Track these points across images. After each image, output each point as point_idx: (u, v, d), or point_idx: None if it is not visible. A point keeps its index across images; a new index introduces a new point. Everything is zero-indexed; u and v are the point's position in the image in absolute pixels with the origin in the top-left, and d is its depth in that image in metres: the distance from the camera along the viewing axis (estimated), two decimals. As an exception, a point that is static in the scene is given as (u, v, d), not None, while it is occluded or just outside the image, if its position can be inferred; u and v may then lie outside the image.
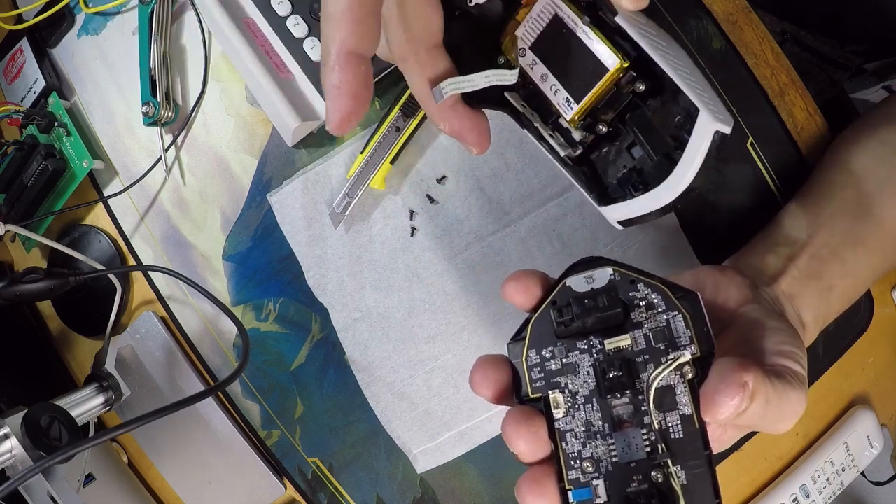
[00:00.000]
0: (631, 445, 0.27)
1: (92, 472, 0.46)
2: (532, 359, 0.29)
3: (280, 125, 0.43)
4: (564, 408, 0.28)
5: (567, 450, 0.28)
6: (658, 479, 0.26)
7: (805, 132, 0.45)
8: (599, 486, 0.27)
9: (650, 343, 0.28)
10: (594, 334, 0.28)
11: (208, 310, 0.47)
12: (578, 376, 0.28)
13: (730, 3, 0.44)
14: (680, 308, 0.28)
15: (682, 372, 0.27)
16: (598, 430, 0.28)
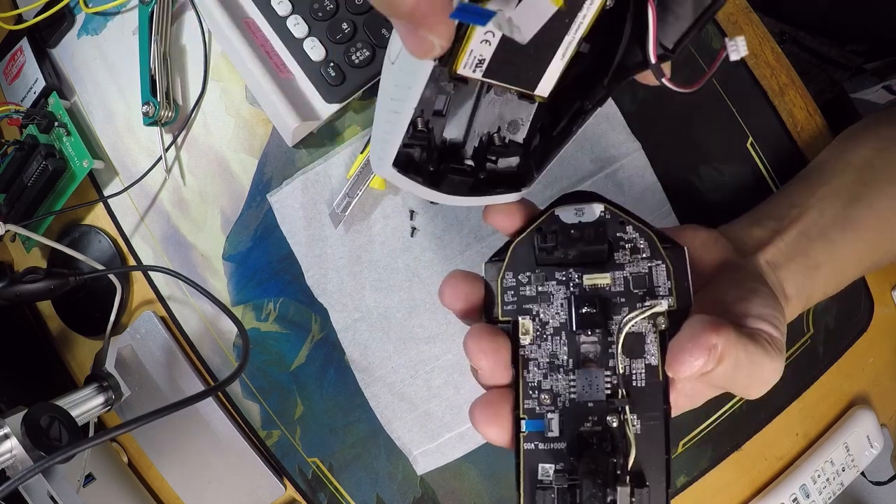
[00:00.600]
0: (592, 385, 0.27)
1: (92, 472, 0.46)
2: (508, 281, 0.28)
3: (280, 125, 0.43)
4: (532, 335, 0.27)
5: (528, 379, 0.27)
6: (613, 424, 0.26)
7: (805, 132, 0.45)
8: (553, 420, 0.27)
9: (629, 287, 0.27)
10: (574, 267, 0.28)
11: (208, 310, 0.47)
12: (551, 306, 0.28)
13: (730, 3, 0.44)
14: (665, 257, 0.27)
15: (655, 322, 0.27)
16: (562, 364, 0.27)
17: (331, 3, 0.42)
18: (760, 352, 0.27)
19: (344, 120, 0.45)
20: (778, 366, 0.28)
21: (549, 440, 0.27)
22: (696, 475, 0.45)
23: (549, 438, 0.27)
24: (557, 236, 0.27)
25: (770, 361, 0.28)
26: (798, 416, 0.46)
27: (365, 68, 0.42)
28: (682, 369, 0.25)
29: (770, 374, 0.28)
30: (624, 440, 0.26)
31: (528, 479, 0.26)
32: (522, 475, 0.26)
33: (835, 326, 0.45)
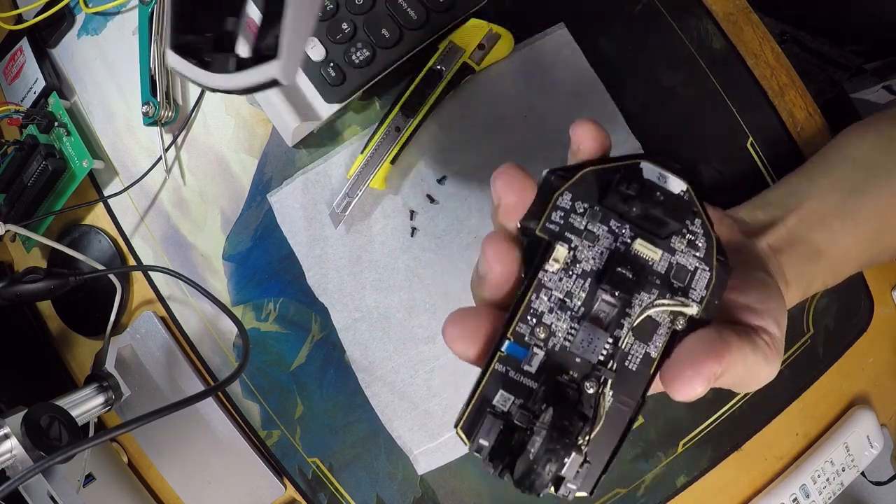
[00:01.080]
0: (590, 343, 0.26)
1: (92, 472, 0.46)
2: (563, 200, 0.26)
3: (280, 125, 0.43)
4: (560, 266, 0.26)
5: (533, 304, 0.26)
6: (589, 390, 0.25)
7: (805, 132, 0.45)
8: (537, 357, 0.25)
9: (669, 274, 0.26)
10: (631, 225, 0.26)
11: (208, 310, 0.47)
12: (591, 249, 0.26)
13: (730, 3, 0.44)
14: (714, 268, 0.27)
15: (675, 319, 0.26)
16: (572, 309, 0.26)
17: (331, 3, 0.42)
18: (759, 358, 0.27)
19: (344, 120, 0.45)
20: (773, 370, 0.28)
21: (523, 374, 0.25)
22: (696, 475, 0.45)
23: (524, 372, 0.25)
24: (642, 188, 0.25)
25: (767, 366, 0.28)
26: (798, 416, 0.46)
27: (365, 68, 0.42)
28: (680, 392, 0.25)
29: (766, 377, 0.28)
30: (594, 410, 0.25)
31: (481, 398, 0.25)
32: (478, 393, 0.25)
33: (835, 326, 0.45)
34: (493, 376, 0.25)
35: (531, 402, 0.25)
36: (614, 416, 0.26)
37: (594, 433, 0.25)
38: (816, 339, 0.45)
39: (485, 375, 0.25)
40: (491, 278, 0.26)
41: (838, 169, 0.39)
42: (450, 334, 0.26)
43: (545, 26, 0.44)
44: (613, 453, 0.26)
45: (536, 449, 0.23)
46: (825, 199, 0.37)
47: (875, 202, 0.37)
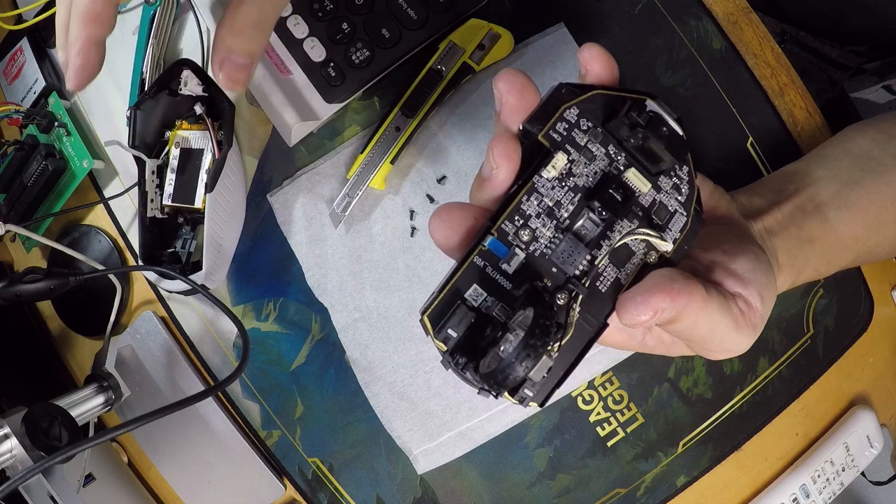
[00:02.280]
0: (570, 255, 0.26)
1: (92, 472, 0.46)
2: (570, 114, 0.27)
3: (280, 125, 0.43)
4: (556, 174, 0.26)
5: (523, 206, 0.26)
6: (559, 301, 0.25)
7: (805, 132, 0.45)
8: (517, 258, 0.26)
9: (651, 209, 0.27)
10: (627, 154, 0.27)
11: (208, 310, 0.47)
12: (587, 167, 0.27)
13: (730, 3, 0.44)
14: (689, 215, 0.28)
15: (648, 251, 0.27)
16: (558, 219, 0.26)
17: (331, 3, 0.42)
18: (727, 321, 0.27)
19: (344, 120, 0.45)
20: (744, 341, 0.29)
21: (500, 272, 0.25)
22: (697, 475, 0.45)
23: (501, 270, 0.25)
24: (651, 120, 0.26)
25: (736, 335, 0.28)
26: (798, 416, 0.46)
27: (365, 68, 0.42)
28: (624, 315, 0.26)
29: (733, 345, 0.29)
30: (563, 322, 0.25)
31: (454, 289, 0.25)
32: (451, 283, 0.25)
33: (835, 326, 0.46)
34: (470, 269, 0.25)
35: (510, 300, 0.24)
36: (577, 334, 0.26)
37: (563, 341, 0.25)
38: (816, 339, 0.45)
39: (461, 266, 0.25)
40: (495, 176, 0.26)
41: (836, 161, 0.39)
42: (434, 223, 0.27)
43: (545, 26, 0.44)
44: (569, 370, 0.26)
45: (515, 345, 0.23)
46: (822, 188, 0.37)
47: (871, 195, 0.38)
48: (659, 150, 0.26)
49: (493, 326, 0.24)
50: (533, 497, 0.45)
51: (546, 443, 0.45)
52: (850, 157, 0.39)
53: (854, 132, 0.41)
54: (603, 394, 0.44)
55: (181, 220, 0.45)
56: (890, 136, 0.40)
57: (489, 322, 0.24)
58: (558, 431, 0.44)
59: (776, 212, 0.36)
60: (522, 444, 0.45)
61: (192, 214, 0.45)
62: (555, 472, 0.45)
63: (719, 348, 0.29)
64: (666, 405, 0.44)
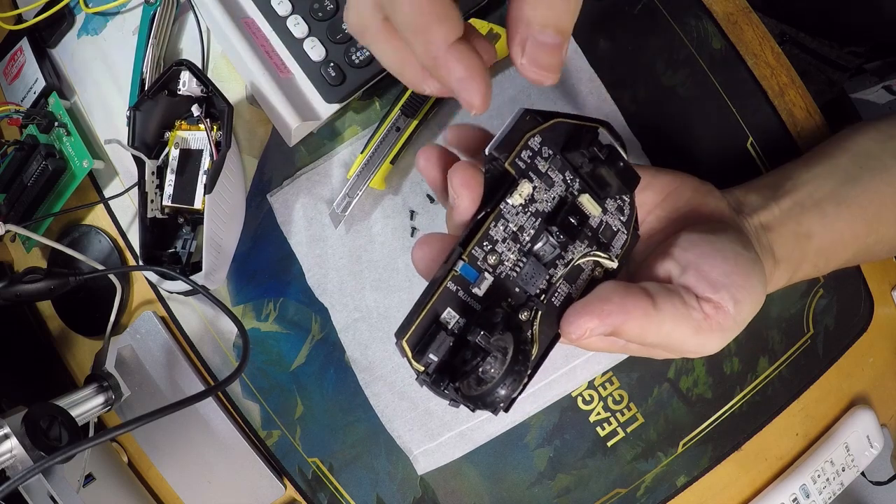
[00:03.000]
0: (532, 276, 0.28)
1: (92, 472, 0.46)
2: (534, 142, 0.28)
3: (280, 125, 0.43)
4: (521, 201, 0.28)
5: (491, 232, 0.27)
6: (522, 317, 0.28)
7: (805, 132, 0.45)
8: (485, 282, 0.27)
9: (599, 229, 0.30)
10: (580, 180, 0.30)
11: (208, 310, 0.47)
12: (546, 192, 0.29)
13: (730, 3, 0.44)
14: (630, 234, 0.31)
15: (595, 268, 0.30)
16: (521, 242, 0.28)
17: (331, 3, 0.42)
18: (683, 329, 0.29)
19: (344, 120, 0.45)
20: (708, 343, 0.29)
21: (470, 295, 0.27)
22: (697, 475, 0.45)
23: (472, 294, 0.27)
24: (609, 151, 0.28)
25: (697, 339, 0.29)
26: (798, 416, 0.46)
27: (365, 68, 0.42)
28: (564, 332, 0.28)
29: (696, 347, 0.30)
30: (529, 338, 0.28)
31: (431, 313, 0.26)
32: (428, 307, 0.26)
33: (835, 326, 0.45)
34: (444, 294, 0.26)
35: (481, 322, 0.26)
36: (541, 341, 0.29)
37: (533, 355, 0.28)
38: (816, 339, 0.45)
39: (436, 291, 0.26)
40: (458, 205, 0.27)
41: (836, 159, 0.39)
42: (416, 254, 0.29)
43: (545, 26, 0.44)
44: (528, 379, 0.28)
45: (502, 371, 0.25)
46: (820, 185, 0.37)
47: (869, 192, 0.38)
48: (609, 178, 0.29)
49: (471, 349, 0.25)
50: (533, 497, 0.45)
51: (546, 443, 0.45)
52: (849, 155, 0.39)
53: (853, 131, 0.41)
54: (603, 394, 0.44)
55: (181, 220, 0.45)
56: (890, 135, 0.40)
57: (464, 344, 0.26)
58: (558, 431, 0.44)
59: (773, 207, 0.36)
60: (522, 444, 0.45)
61: (192, 215, 0.45)
62: (555, 472, 0.45)
63: (682, 350, 0.30)
64: (666, 405, 0.44)
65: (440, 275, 0.26)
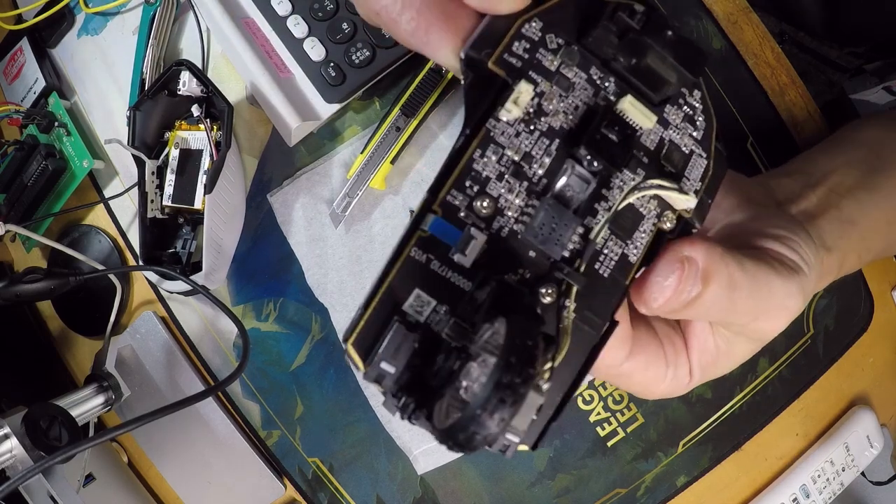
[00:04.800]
0: (553, 231, 0.18)
1: (92, 472, 0.46)
2: (531, 29, 0.19)
3: (280, 125, 0.43)
4: (520, 113, 0.18)
5: (475, 165, 0.18)
6: (545, 298, 0.18)
7: (805, 132, 0.45)
8: (475, 242, 0.18)
9: (660, 151, 0.20)
10: (620, 77, 0.20)
11: (208, 310, 0.47)
12: (563, 101, 0.19)
13: (730, 3, 0.44)
14: (712, 157, 0.21)
15: (663, 214, 0.20)
16: (531, 178, 0.19)
17: (331, 3, 0.42)
18: (768, 272, 0.23)
19: (344, 120, 0.45)
20: (792, 288, 0.24)
21: (451, 266, 0.18)
22: (697, 475, 0.45)
23: (453, 264, 0.18)
24: (647, 23, 0.19)
25: (781, 282, 0.23)
26: (798, 416, 0.46)
27: (365, 68, 0.42)
28: (651, 295, 0.20)
29: (785, 298, 0.23)
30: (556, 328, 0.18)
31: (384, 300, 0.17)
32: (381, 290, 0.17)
33: (835, 326, 0.45)
34: (405, 267, 0.17)
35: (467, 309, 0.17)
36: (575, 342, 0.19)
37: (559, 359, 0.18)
38: (816, 339, 0.45)
39: (393, 265, 0.17)
40: None
41: (852, 150, 0.38)
42: None
43: (545, 26, 0.44)
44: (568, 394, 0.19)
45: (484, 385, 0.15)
46: (847, 173, 0.36)
47: (894, 180, 0.36)
48: (662, 67, 0.19)
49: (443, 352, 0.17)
50: (533, 497, 0.45)
51: (546, 443, 0.45)
52: (864, 146, 0.38)
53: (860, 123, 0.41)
54: (603, 394, 0.44)
55: (181, 220, 0.45)
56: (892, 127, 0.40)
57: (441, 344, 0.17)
58: (558, 431, 0.44)
59: (811, 195, 0.33)
60: (522, 444, 0.45)
61: (192, 215, 0.45)
62: (555, 472, 0.45)
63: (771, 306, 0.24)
64: (666, 405, 0.44)
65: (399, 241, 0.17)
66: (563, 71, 0.19)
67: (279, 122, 0.43)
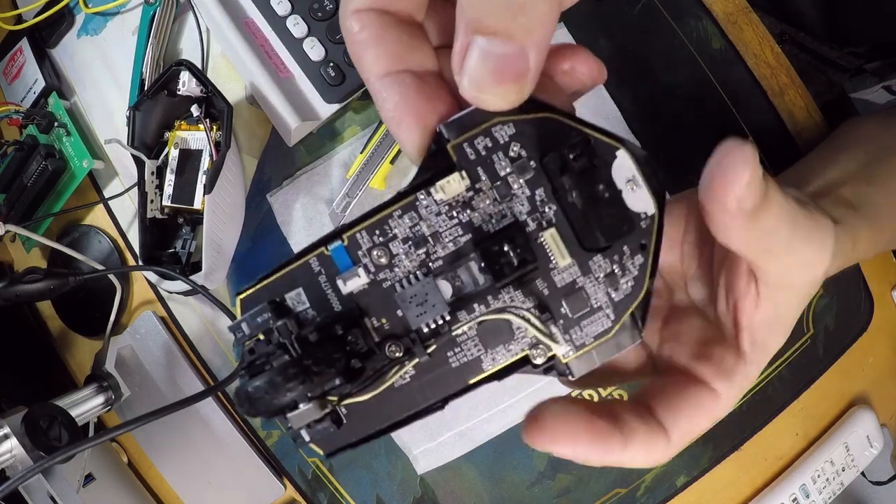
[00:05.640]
0: (422, 304, 0.20)
1: (92, 472, 0.46)
2: (500, 132, 0.20)
3: (280, 125, 0.43)
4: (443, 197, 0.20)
5: (391, 222, 0.20)
6: (388, 352, 0.20)
7: (805, 132, 0.45)
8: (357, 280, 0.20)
9: (561, 292, 0.20)
10: (562, 209, 0.20)
11: (208, 310, 0.47)
12: (494, 205, 0.20)
13: (730, 3, 0.44)
14: (618, 324, 0.20)
15: (538, 346, 0.20)
16: (429, 254, 0.20)
17: (331, 3, 0.42)
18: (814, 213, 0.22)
19: (344, 120, 0.45)
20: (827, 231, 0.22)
21: (332, 286, 0.20)
22: (697, 475, 0.45)
23: (334, 286, 0.20)
24: (586, 170, 0.19)
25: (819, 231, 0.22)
26: (798, 416, 0.46)
27: (365, 68, 0.42)
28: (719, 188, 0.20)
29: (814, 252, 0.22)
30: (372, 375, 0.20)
31: (277, 281, 0.21)
32: (279, 274, 0.21)
33: (835, 326, 0.45)
34: (301, 268, 0.21)
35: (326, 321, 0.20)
36: (392, 397, 0.21)
37: (355, 399, 0.20)
38: (816, 339, 0.45)
39: (295, 262, 0.21)
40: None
41: (849, 147, 0.38)
42: None
43: (545, 26, 0.44)
44: (371, 436, 0.21)
45: (277, 366, 0.19)
46: (845, 167, 0.36)
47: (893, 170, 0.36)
48: (610, 219, 0.19)
49: (281, 342, 0.20)
50: (533, 497, 0.45)
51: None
52: (861, 143, 0.38)
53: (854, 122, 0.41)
54: (603, 393, 0.44)
55: (181, 220, 0.45)
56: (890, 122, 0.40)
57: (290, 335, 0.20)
58: (558, 431, 0.44)
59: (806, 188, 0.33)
60: (522, 444, 0.45)
61: (191, 215, 0.45)
62: (555, 472, 0.45)
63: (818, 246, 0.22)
64: (666, 405, 0.44)
65: (309, 245, 0.21)
66: (510, 180, 0.20)
67: (279, 122, 0.43)
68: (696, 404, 0.23)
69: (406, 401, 0.21)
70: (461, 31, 0.18)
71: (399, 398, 0.21)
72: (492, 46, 0.17)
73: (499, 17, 0.17)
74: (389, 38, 0.20)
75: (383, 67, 0.20)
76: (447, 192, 0.20)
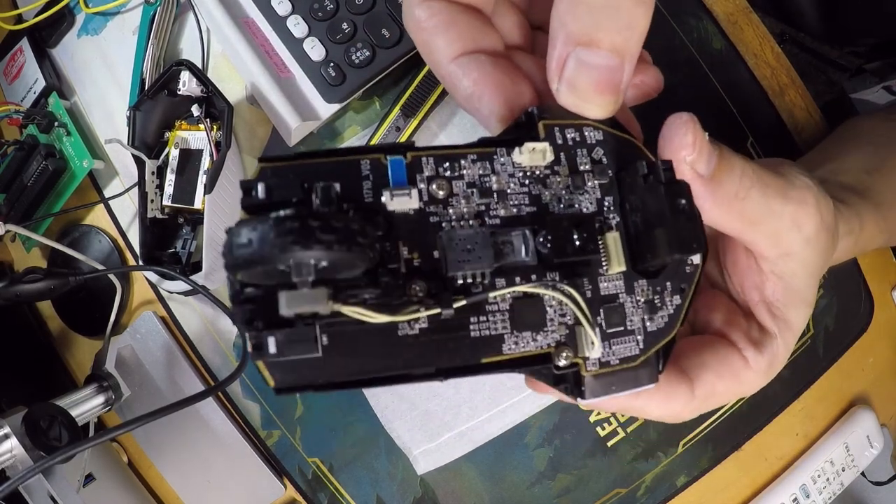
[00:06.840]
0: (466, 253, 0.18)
1: (92, 472, 0.46)
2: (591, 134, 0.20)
3: (280, 125, 0.43)
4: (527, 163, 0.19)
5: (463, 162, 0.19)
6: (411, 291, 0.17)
7: (805, 132, 0.45)
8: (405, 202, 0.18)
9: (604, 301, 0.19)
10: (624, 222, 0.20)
11: (208, 310, 0.47)
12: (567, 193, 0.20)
13: (730, 3, 0.44)
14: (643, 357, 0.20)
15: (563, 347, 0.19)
16: (490, 209, 0.19)
17: (331, 3, 0.42)
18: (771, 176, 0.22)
19: (344, 120, 0.45)
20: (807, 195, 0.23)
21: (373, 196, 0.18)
22: (697, 475, 0.45)
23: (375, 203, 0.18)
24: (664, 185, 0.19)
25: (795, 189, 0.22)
26: (798, 416, 0.46)
27: (365, 68, 0.42)
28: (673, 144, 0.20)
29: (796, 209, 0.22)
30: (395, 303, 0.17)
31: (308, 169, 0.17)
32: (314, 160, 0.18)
33: (835, 326, 0.46)
34: (348, 165, 0.18)
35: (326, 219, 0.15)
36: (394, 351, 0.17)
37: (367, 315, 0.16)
38: (816, 339, 0.45)
39: (344, 155, 0.18)
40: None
41: (850, 142, 0.38)
42: None
43: (545, 26, 0.44)
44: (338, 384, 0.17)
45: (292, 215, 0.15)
46: (846, 160, 0.36)
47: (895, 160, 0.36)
48: (663, 247, 0.19)
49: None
50: (533, 497, 0.45)
51: (546, 443, 0.45)
52: (862, 138, 0.38)
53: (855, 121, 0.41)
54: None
55: (181, 220, 0.45)
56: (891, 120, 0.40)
57: None
58: (558, 431, 0.44)
59: None
60: (522, 444, 0.45)
61: (192, 215, 0.45)
62: (555, 472, 0.45)
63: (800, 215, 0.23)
64: (666, 405, 0.44)
65: (363, 146, 0.19)
66: (586, 176, 0.20)
67: (279, 122, 0.43)
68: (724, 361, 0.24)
69: (404, 355, 0.17)
70: (559, 41, 0.19)
71: (397, 349, 0.17)
72: (596, 58, 0.18)
73: (606, 31, 0.18)
74: (461, 22, 0.21)
75: (457, 49, 0.20)
76: (530, 159, 0.19)
